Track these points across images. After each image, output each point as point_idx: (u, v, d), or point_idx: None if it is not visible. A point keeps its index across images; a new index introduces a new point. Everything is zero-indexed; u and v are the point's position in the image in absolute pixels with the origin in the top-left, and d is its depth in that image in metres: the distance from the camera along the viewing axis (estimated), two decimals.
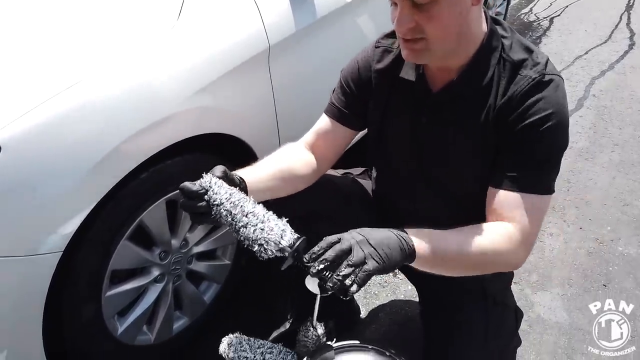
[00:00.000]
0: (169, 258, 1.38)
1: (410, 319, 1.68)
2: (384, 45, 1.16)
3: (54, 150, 1.05)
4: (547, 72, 0.99)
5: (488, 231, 0.95)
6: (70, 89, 1.09)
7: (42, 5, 1.37)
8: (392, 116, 1.14)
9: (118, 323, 1.33)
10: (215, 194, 0.85)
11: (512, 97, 0.99)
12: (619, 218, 2.18)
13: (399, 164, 1.17)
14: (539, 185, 0.99)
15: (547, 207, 1.03)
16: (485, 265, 0.97)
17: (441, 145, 1.09)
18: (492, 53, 1.01)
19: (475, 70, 1.01)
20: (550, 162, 1.00)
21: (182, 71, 1.26)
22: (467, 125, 1.04)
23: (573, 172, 2.48)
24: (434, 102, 1.06)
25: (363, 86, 1.17)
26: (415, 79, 1.08)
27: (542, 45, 4.05)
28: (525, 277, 1.85)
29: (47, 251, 1.06)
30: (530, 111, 0.97)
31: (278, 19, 1.51)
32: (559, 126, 0.97)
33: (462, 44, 0.99)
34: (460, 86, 1.03)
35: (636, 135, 2.83)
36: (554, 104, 0.96)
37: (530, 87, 0.98)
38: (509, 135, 0.99)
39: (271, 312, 1.69)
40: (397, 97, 1.13)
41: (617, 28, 4.44)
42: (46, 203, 1.05)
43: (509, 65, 1.01)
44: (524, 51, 1.02)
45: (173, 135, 1.24)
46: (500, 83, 1.01)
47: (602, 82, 3.45)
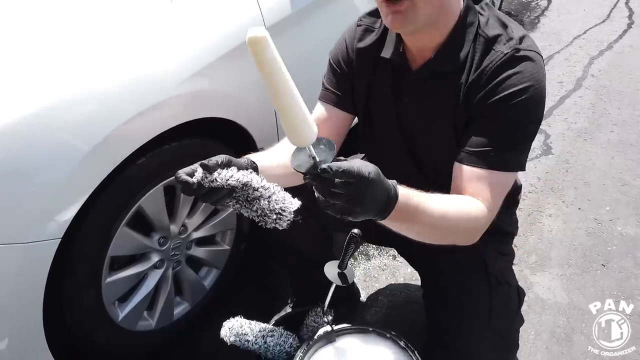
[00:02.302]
0: (168, 244, 1.38)
1: (411, 301, 1.69)
2: (366, 24, 1.15)
3: (50, 137, 1.04)
4: (521, 48, 0.98)
5: (459, 203, 0.96)
6: (64, 75, 1.08)
7: None
8: (376, 98, 1.15)
9: (119, 309, 1.33)
10: (215, 180, 0.82)
11: (483, 73, 0.99)
12: (618, 198, 2.18)
13: (388, 145, 1.18)
14: (507, 163, 0.99)
15: (513, 181, 1.03)
16: (446, 234, 0.96)
17: (424, 124, 1.09)
18: (467, 29, 1.01)
19: (451, 47, 1.01)
20: (520, 138, 1.00)
21: (177, 54, 1.24)
22: (445, 103, 1.04)
23: (572, 153, 2.48)
24: (413, 81, 1.07)
25: (349, 64, 1.16)
26: (396, 57, 1.07)
27: (541, 25, 4.01)
28: (524, 257, 1.86)
29: (45, 238, 1.06)
30: (501, 87, 0.96)
31: (274, 0, 1.49)
32: (531, 101, 0.96)
33: (443, 12, 0.98)
34: (437, 63, 1.03)
35: (635, 115, 2.82)
36: (527, 79, 0.96)
37: (501, 62, 0.97)
38: (477, 110, 1.00)
39: (272, 296, 1.70)
40: (379, 77, 1.13)
41: (616, 7, 4.40)
42: (43, 190, 1.05)
43: (482, 40, 1.01)
44: (500, 27, 1.02)
45: (169, 120, 1.23)
46: (474, 59, 1.01)
47: (601, 62, 3.43)
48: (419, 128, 1.11)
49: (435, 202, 0.91)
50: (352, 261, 1.81)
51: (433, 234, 0.94)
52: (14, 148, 1.01)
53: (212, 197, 0.83)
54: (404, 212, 0.84)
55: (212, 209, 1.47)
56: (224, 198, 0.84)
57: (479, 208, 0.96)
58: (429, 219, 0.89)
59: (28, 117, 1.02)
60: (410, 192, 0.87)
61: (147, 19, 1.25)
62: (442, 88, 1.04)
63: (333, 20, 1.69)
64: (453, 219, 0.93)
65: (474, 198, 0.97)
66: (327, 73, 1.21)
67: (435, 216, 0.90)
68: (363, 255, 1.87)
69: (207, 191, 0.83)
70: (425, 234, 0.94)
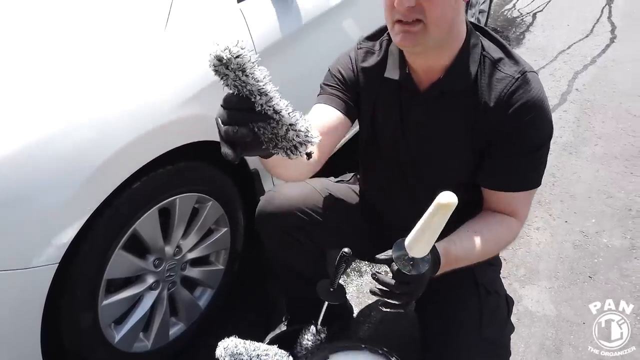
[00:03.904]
0: (163, 265, 1.40)
1: (402, 316, 1.71)
2: (366, 47, 1.20)
3: (46, 164, 1.07)
4: (527, 70, 1.07)
5: (495, 227, 1.11)
6: (61, 104, 1.11)
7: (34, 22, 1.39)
8: (382, 115, 1.19)
9: (115, 331, 1.35)
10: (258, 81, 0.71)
11: (500, 99, 1.05)
12: (603, 210, 2.23)
13: (392, 162, 1.22)
14: (533, 182, 1.11)
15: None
16: (490, 254, 1.15)
17: (433, 142, 1.14)
18: (472, 50, 1.08)
19: (460, 67, 1.07)
20: (542, 158, 1.10)
21: (171, 81, 1.28)
22: (458, 122, 1.10)
23: (558, 166, 2.53)
24: (423, 100, 1.11)
25: (354, 79, 1.19)
26: (402, 78, 1.12)
27: (526, 40, 4.10)
28: (513, 271, 1.90)
29: (43, 263, 1.08)
30: (519, 112, 1.04)
31: (264, 25, 1.54)
32: (545, 119, 1.07)
33: (451, 35, 1.04)
34: (448, 82, 1.08)
35: (618, 128, 2.89)
36: (538, 100, 1.05)
37: (515, 87, 1.05)
38: (499, 135, 1.07)
39: (266, 315, 1.72)
40: (385, 96, 1.17)
41: (599, 22, 4.51)
42: (41, 216, 1.07)
43: (488, 62, 1.08)
44: (500, 50, 1.09)
45: (164, 144, 1.26)
46: (482, 79, 1.07)
47: (585, 76, 3.51)
48: (427, 146, 1.15)
49: (474, 241, 1.07)
50: (344, 278, 1.84)
51: (480, 260, 1.12)
52: (11, 174, 1.03)
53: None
54: (449, 264, 1.03)
55: (207, 229, 1.50)
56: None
57: (511, 226, 1.13)
58: (472, 256, 1.08)
59: (28, 146, 1.05)
60: (449, 246, 1.02)
61: (142, 47, 1.28)
62: (454, 107, 1.10)
63: (322, 44, 1.74)
64: (492, 248, 1.12)
65: (505, 216, 1.12)
66: (327, 81, 1.21)
67: (477, 253, 1.08)
68: (355, 272, 1.90)
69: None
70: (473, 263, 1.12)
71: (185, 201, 1.38)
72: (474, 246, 1.07)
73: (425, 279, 0.96)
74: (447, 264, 1.02)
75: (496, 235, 1.11)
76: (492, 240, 1.10)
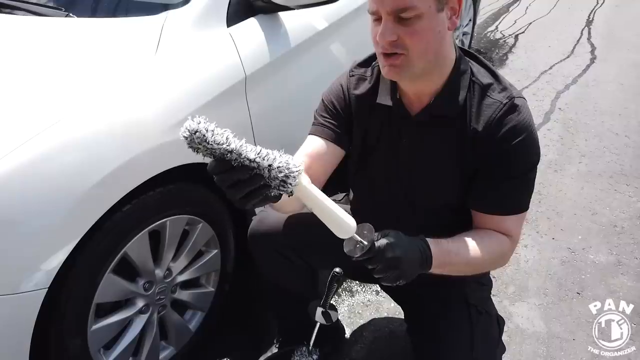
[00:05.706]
0: (154, 288, 1.39)
1: (394, 336, 1.72)
2: (358, 74, 1.23)
3: (37, 187, 1.07)
4: (514, 95, 1.09)
5: (486, 236, 1.11)
6: (52, 127, 1.11)
7: (25, 46, 1.40)
8: (373, 140, 1.21)
9: (104, 356, 1.33)
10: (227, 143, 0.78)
11: (488, 123, 1.07)
12: (589, 227, 2.26)
13: (381, 186, 1.23)
14: (522, 205, 1.12)
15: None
16: (482, 263, 1.13)
17: (423, 165, 1.16)
18: (462, 76, 1.10)
19: (449, 92, 1.09)
20: (530, 182, 1.12)
21: (161, 104, 1.29)
22: (448, 146, 1.12)
23: (543, 184, 2.57)
24: (414, 124, 1.13)
25: (346, 108, 1.22)
26: (393, 103, 1.14)
27: (509, 61, 4.20)
28: (502, 289, 1.91)
29: (32, 288, 1.07)
30: (508, 137, 1.07)
31: (253, 49, 1.56)
32: (533, 144, 1.09)
33: (438, 63, 1.06)
34: (437, 107, 1.10)
35: (601, 146, 2.95)
36: (527, 124, 1.08)
37: (504, 112, 1.07)
38: (489, 160, 1.09)
39: (258, 337, 1.70)
40: (376, 121, 1.19)
41: (579, 43, 4.64)
42: (30, 240, 1.07)
43: (478, 87, 1.10)
44: (490, 75, 1.12)
45: (154, 167, 1.26)
46: (472, 105, 1.09)
47: (567, 95, 3.60)
48: (418, 169, 1.17)
49: (464, 241, 1.08)
50: (336, 298, 1.83)
51: (472, 265, 1.11)
52: (2, 199, 1.03)
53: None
54: (442, 256, 1.02)
55: (197, 251, 1.49)
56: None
57: (501, 240, 1.13)
58: (464, 254, 1.07)
59: (15, 168, 1.05)
60: (439, 239, 1.04)
61: (133, 71, 1.30)
62: (444, 131, 1.12)
63: (310, 67, 1.77)
64: (484, 254, 1.09)
65: (496, 232, 1.13)
66: (320, 111, 1.24)
67: (469, 253, 1.07)
68: (347, 292, 1.90)
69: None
70: (464, 272, 1.13)
71: (175, 223, 1.38)
72: (465, 245, 1.08)
73: (381, 249, 0.96)
74: (439, 253, 1.02)
75: (486, 243, 1.11)
76: (482, 245, 1.10)
